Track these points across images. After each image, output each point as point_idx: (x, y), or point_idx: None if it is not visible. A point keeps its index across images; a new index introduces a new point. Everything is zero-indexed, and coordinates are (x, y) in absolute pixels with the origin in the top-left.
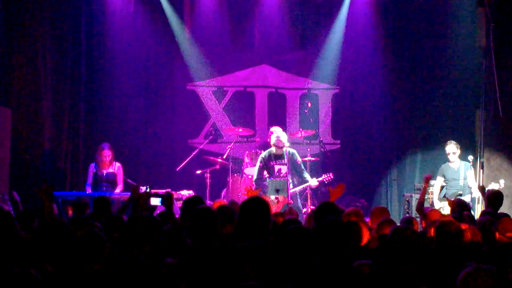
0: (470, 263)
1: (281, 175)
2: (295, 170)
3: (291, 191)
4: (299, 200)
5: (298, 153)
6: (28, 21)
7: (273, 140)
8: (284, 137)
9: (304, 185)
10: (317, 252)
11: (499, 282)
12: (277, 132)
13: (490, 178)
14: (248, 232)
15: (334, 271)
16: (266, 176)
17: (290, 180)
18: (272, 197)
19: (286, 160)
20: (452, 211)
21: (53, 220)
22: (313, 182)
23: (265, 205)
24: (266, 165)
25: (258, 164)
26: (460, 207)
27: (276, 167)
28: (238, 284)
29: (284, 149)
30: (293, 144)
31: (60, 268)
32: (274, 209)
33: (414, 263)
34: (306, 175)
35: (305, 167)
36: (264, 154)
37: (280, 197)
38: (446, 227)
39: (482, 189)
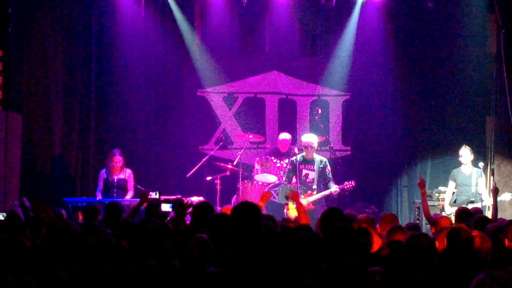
0: (484, 271)
1: (307, 180)
2: (322, 178)
3: (313, 197)
4: (324, 206)
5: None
6: (38, 28)
7: (304, 141)
8: (314, 139)
9: (326, 192)
10: (325, 259)
11: None
12: (308, 135)
13: (500, 184)
14: (238, 237)
15: (344, 278)
16: (293, 181)
17: (316, 187)
18: (305, 201)
19: (315, 166)
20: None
21: (63, 226)
22: (334, 188)
23: (255, 210)
24: (295, 168)
25: (288, 166)
26: (464, 216)
27: (304, 171)
28: None
29: (315, 155)
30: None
31: (72, 275)
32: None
33: (427, 270)
34: (332, 184)
35: None
36: (295, 157)
37: (304, 202)
38: (457, 234)
39: (496, 191)
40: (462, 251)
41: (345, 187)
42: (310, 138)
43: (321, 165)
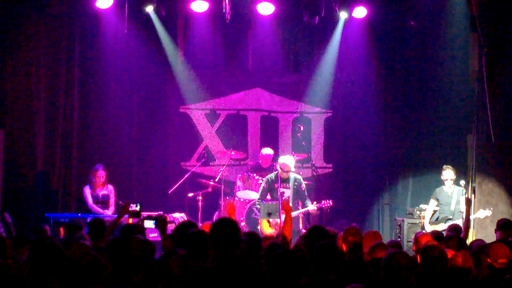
0: None
1: (283, 198)
2: (298, 195)
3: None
4: (300, 224)
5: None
6: (21, 45)
7: (280, 163)
8: (291, 162)
9: (303, 210)
10: (307, 276)
11: None
12: (285, 157)
13: (482, 203)
14: (218, 253)
15: None
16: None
17: (291, 204)
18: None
19: (290, 184)
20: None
21: (47, 243)
22: (312, 207)
23: (234, 225)
24: (270, 186)
25: (262, 185)
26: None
27: (279, 190)
28: None
29: (290, 174)
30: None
31: None
32: (272, 232)
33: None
34: (308, 202)
35: None
36: (270, 176)
37: (278, 220)
38: (430, 252)
39: (468, 202)
40: (435, 269)
41: (323, 206)
42: (287, 161)
43: (296, 183)
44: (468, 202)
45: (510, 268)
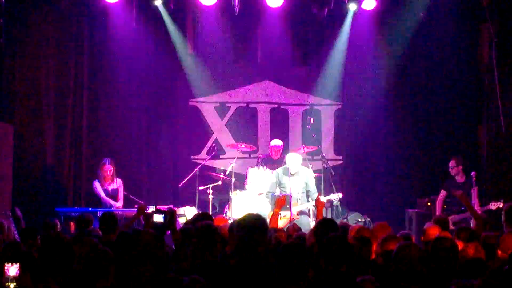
0: (455, 281)
1: (291, 191)
2: (307, 189)
3: (299, 208)
4: (310, 217)
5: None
6: (30, 39)
7: (288, 160)
8: (298, 159)
9: (313, 203)
10: (315, 269)
11: None
12: (292, 154)
13: (492, 194)
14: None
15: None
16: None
17: (300, 197)
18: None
19: (300, 177)
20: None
21: (56, 236)
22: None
23: (263, 222)
24: (280, 180)
25: (272, 179)
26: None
27: (289, 184)
28: None
29: (299, 167)
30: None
31: (68, 286)
32: (280, 224)
33: (417, 280)
34: (315, 196)
35: None
36: (279, 169)
37: (287, 213)
38: (441, 243)
39: (461, 196)
40: (446, 260)
41: (332, 199)
42: (294, 159)
43: (305, 176)
44: (461, 196)
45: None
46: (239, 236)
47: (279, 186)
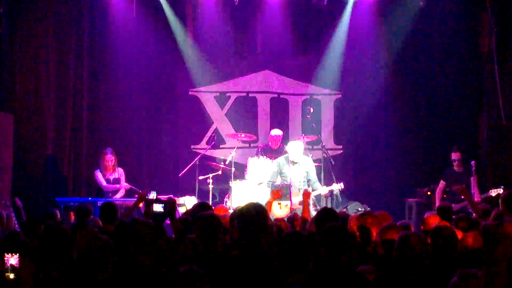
0: (460, 270)
1: (293, 180)
2: (308, 178)
3: (300, 197)
4: (310, 206)
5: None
6: (30, 28)
7: (289, 148)
8: (300, 147)
9: (315, 193)
10: (316, 258)
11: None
12: (294, 142)
13: (492, 183)
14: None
15: (331, 276)
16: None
17: (302, 187)
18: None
19: (301, 167)
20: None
21: (57, 226)
22: (324, 190)
23: (263, 211)
24: (281, 170)
25: (273, 168)
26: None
27: (290, 173)
28: None
29: (301, 157)
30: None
31: (68, 276)
32: (282, 213)
33: (418, 270)
34: (318, 184)
35: None
36: (280, 159)
37: (288, 203)
38: (440, 232)
39: (461, 190)
40: (445, 249)
41: (334, 188)
42: (296, 146)
43: (306, 166)
44: (460, 190)
45: None
46: (241, 225)
47: (280, 175)
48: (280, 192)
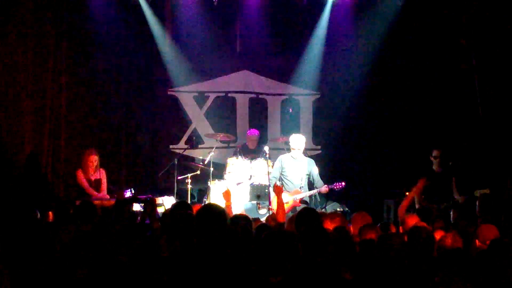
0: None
1: (295, 178)
2: (311, 177)
3: (301, 195)
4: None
5: (277, 157)
6: (7, 26)
7: (293, 138)
8: (302, 141)
9: (315, 191)
10: (295, 258)
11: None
12: (296, 136)
13: (470, 184)
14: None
15: (312, 276)
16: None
17: (303, 185)
18: (291, 199)
19: (303, 164)
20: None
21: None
22: (323, 188)
23: (219, 212)
24: (283, 166)
25: (276, 164)
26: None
27: (291, 170)
28: None
29: (303, 155)
30: (274, 149)
31: (47, 274)
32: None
33: (400, 270)
34: (319, 183)
35: None
36: (283, 155)
37: (290, 201)
38: (417, 233)
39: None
40: (422, 250)
41: (335, 187)
42: (299, 140)
43: (309, 165)
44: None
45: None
46: (197, 226)
47: (281, 171)
48: (229, 193)
